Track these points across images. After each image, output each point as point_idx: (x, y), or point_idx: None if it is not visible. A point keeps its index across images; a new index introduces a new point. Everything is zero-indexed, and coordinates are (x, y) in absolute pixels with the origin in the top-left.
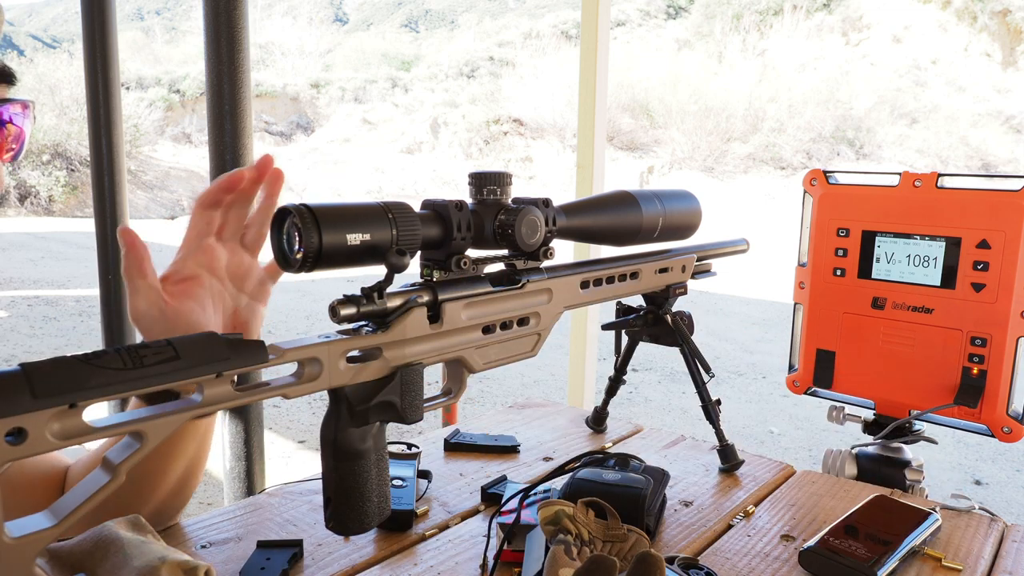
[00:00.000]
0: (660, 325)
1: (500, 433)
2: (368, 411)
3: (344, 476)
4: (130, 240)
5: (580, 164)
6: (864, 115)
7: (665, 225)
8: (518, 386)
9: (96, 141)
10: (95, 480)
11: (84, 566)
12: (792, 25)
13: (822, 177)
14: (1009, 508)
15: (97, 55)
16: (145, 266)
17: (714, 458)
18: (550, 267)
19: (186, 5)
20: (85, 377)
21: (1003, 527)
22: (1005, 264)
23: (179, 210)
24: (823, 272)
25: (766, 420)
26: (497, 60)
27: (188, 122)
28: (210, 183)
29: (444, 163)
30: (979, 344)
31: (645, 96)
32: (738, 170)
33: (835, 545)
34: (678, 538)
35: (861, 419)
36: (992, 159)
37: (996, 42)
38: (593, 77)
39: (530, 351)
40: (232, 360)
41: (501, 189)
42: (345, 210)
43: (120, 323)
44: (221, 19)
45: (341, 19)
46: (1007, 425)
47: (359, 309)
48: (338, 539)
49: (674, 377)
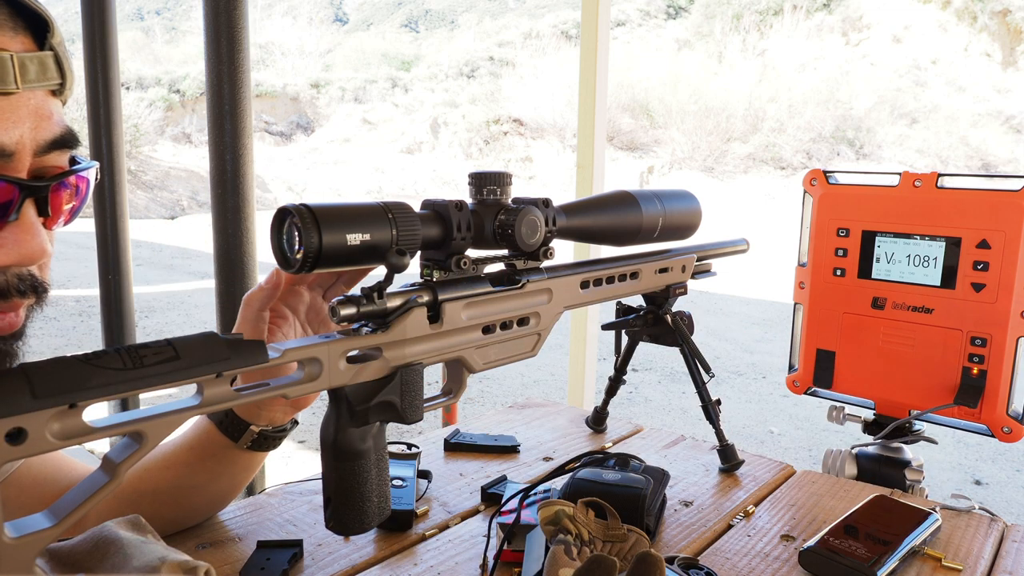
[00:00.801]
0: (660, 325)
1: (500, 433)
2: (368, 411)
3: (344, 476)
4: (279, 282)
5: (580, 164)
6: (864, 115)
7: (665, 225)
8: (518, 386)
9: (96, 141)
10: (95, 480)
11: (84, 566)
12: (792, 25)
13: (822, 177)
14: (1009, 508)
15: (97, 55)
16: (270, 304)
17: (714, 458)
18: (550, 267)
19: (186, 5)
20: (85, 377)
21: (1003, 527)
22: (1005, 264)
23: (179, 210)
24: (823, 272)
25: (766, 420)
26: (497, 60)
27: (188, 122)
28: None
29: (444, 163)
30: (979, 344)
31: (645, 96)
32: (738, 170)
33: (835, 545)
34: (678, 538)
35: (861, 419)
36: (992, 159)
37: (996, 42)
38: (593, 77)
39: (530, 351)
40: (232, 360)
41: (501, 189)
42: (345, 210)
43: (120, 323)
44: (221, 19)
45: (341, 19)
46: (1007, 425)
47: (359, 309)
48: (338, 539)
49: (674, 377)
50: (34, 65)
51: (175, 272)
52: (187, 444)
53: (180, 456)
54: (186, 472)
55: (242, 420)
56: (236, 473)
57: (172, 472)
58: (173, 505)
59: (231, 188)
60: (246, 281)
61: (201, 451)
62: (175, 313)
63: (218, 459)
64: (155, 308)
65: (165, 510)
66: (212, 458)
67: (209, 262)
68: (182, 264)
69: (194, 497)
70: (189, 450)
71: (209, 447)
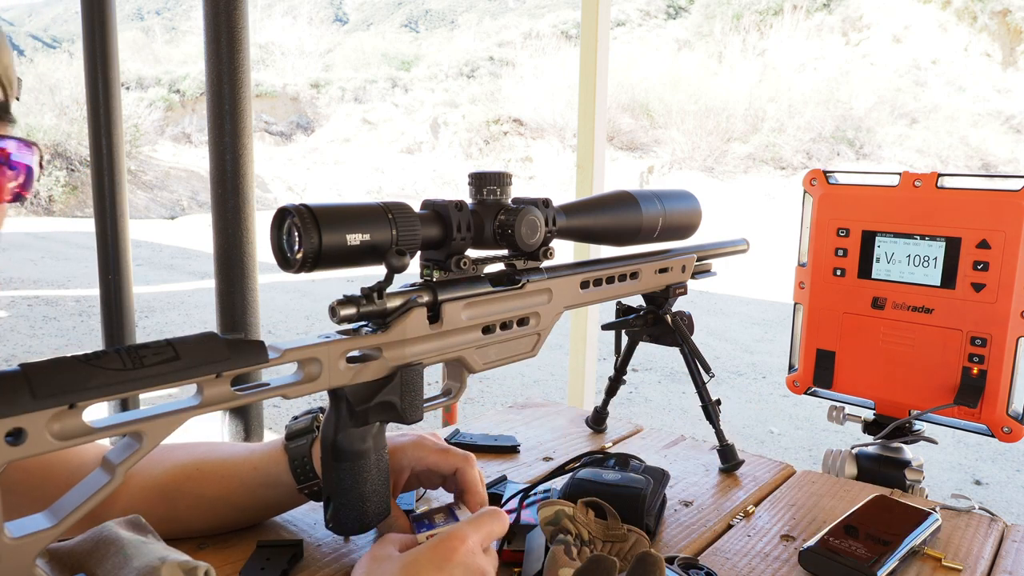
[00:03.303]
0: (660, 325)
1: (500, 433)
2: (368, 411)
3: (344, 476)
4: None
5: (580, 164)
6: (864, 115)
7: (665, 225)
8: (518, 386)
9: (96, 141)
10: (95, 481)
11: (84, 566)
12: (792, 25)
13: (822, 177)
14: (1009, 508)
15: (97, 55)
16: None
17: (714, 458)
18: (550, 267)
19: (186, 5)
20: (85, 377)
21: (1003, 527)
22: (1005, 264)
23: (179, 210)
24: (823, 272)
25: (766, 420)
26: (497, 60)
27: (188, 122)
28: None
29: (444, 163)
30: (979, 344)
31: (645, 96)
32: (738, 170)
33: (835, 545)
34: (678, 538)
35: (861, 419)
36: (992, 159)
37: (996, 42)
38: (593, 77)
39: (530, 351)
40: (232, 360)
41: (501, 189)
42: (345, 210)
43: (120, 323)
44: (221, 19)
45: (341, 19)
46: (1007, 425)
47: (359, 309)
48: (338, 539)
49: (674, 377)
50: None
51: (175, 272)
52: (252, 463)
53: (241, 471)
54: (239, 488)
55: (314, 470)
56: (278, 506)
57: (225, 484)
58: (211, 514)
59: (231, 188)
60: (246, 281)
61: (264, 475)
62: (175, 313)
63: (273, 489)
64: (155, 308)
65: (198, 515)
66: (269, 487)
67: (209, 262)
68: (182, 264)
69: (231, 513)
70: (253, 469)
71: (273, 474)
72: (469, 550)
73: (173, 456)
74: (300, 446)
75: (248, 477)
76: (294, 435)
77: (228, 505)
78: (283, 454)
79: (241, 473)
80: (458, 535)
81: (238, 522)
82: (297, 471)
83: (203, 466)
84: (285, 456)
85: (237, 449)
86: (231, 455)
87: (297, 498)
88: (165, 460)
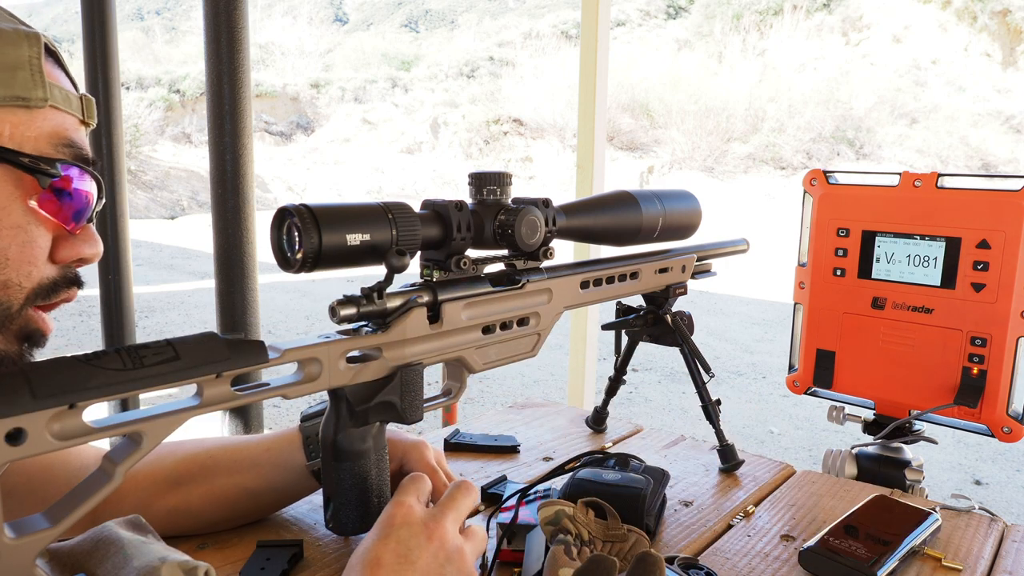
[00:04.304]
0: (660, 325)
1: (500, 433)
2: (368, 411)
3: (344, 476)
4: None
5: (580, 164)
6: (864, 115)
7: (665, 225)
8: (518, 386)
9: (96, 141)
10: (95, 481)
11: (84, 566)
12: (792, 25)
13: (822, 177)
14: (1009, 508)
15: (97, 55)
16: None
17: (714, 458)
18: (550, 267)
19: (186, 5)
20: (85, 377)
21: (1003, 527)
22: (1005, 264)
23: (179, 210)
24: (823, 272)
25: (766, 420)
26: (497, 60)
27: (188, 122)
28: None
29: (444, 163)
30: (979, 344)
31: (645, 96)
32: (738, 170)
33: (835, 545)
34: (678, 538)
35: (861, 419)
36: (992, 159)
37: (996, 42)
38: (593, 77)
39: (530, 351)
40: (232, 360)
41: (501, 189)
42: (345, 210)
43: (120, 323)
44: (221, 19)
45: (341, 19)
46: (1007, 425)
47: (359, 309)
48: (338, 539)
49: (674, 377)
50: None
51: (175, 272)
52: (265, 445)
53: (254, 453)
54: (252, 470)
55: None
56: (289, 492)
57: (238, 467)
58: (223, 501)
59: (231, 188)
60: (246, 281)
61: (277, 455)
62: (175, 313)
63: (284, 471)
64: (155, 308)
65: (211, 503)
66: (280, 468)
67: (209, 262)
68: (182, 264)
69: (243, 498)
70: (265, 451)
71: (286, 453)
72: (407, 513)
73: (184, 448)
74: (314, 424)
75: (262, 458)
76: (310, 416)
77: (240, 489)
78: (297, 434)
79: (254, 455)
80: (395, 501)
81: (248, 511)
82: (309, 447)
83: (216, 453)
84: (299, 436)
85: (250, 437)
86: (244, 442)
87: (308, 484)
88: (176, 451)
